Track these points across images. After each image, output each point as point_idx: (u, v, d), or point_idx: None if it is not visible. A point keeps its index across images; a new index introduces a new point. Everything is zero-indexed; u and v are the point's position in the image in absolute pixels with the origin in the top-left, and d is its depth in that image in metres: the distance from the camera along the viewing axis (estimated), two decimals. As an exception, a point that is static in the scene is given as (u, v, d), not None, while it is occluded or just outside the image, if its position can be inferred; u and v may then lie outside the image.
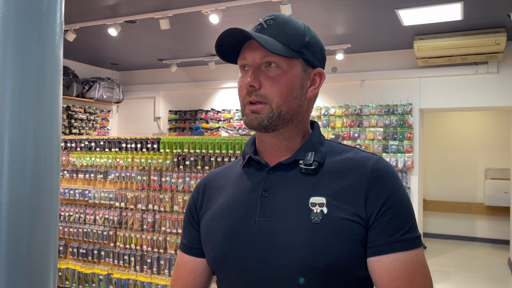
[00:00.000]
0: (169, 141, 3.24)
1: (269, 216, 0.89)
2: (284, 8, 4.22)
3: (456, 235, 7.81)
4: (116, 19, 5.00)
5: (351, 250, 0.84)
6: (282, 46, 0.89)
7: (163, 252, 3.24)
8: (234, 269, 0.91)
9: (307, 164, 0.91)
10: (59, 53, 1.24)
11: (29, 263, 1.16)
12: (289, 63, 0.91)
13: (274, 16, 0.93)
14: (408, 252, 0.84)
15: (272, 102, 0.90)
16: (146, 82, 8.29)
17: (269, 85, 0.90)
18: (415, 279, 0.83)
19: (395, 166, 6.14)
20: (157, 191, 3.28)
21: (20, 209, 1.13)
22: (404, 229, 0.85)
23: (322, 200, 0.87)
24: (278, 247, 0.86)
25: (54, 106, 1.22)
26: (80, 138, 3.68)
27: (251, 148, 1.01)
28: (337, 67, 6.69)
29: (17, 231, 1.13)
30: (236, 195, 0.97)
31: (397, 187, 0.89)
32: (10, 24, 1.11)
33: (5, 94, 1.12)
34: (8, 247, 1.11)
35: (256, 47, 0.90)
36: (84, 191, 3.58)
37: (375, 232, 0.85)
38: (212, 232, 0.97)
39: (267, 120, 0.90)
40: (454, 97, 6.00)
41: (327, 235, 0.84)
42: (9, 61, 1.12)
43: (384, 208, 0.85)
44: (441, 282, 5.39)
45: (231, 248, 0.91)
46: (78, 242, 3.62)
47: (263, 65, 0.91)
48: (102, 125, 7.80)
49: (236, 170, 1.03)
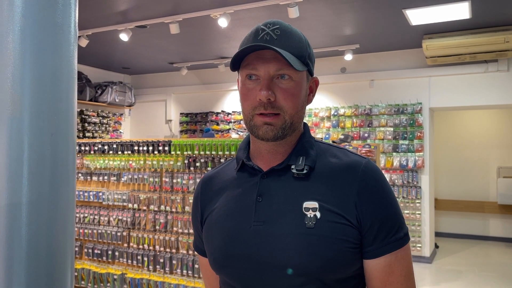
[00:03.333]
0: (180, 143, 3.31)
1: (264, 221, 0.93)
2: (291, 10, 4.26)
3: (469, 234, 7.75)
4: (127, 24, 5.10)
5: (344, 252, 0.89)
6: (297, 61, 0.92)
7: (175, 252, 3.31)
8: (233, 271, 0.95)
9: (298, 169, 0.94)
10: (74, 62, 1.32)
11: (48, 260, 1.23)
12: (299, 75, 0.94)
13: (278, 25, 0.94)
14: (398, 251, 0.92)
15: (286, 114, 0.92)
16: (157, 86, 8.40)
17: (283, 97, 0.92)
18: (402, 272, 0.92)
19: (405, 166, 6.15)
20: (169, 192, 3.35)
21: (39, 208, 1.21)
22: (393, 230, 0.92)
23: (315, 204, 0.91)
24: (273, 250, 0.90)
25: (70, 112, 1.30)
26: (93, 142, 3.77)
27: (244, 152, 1.03)
28: (346, 68, 6.71)
29: (36, 229, 1.20)
30: (232, 200, 1.00)
31: (386, 192, 0.94)
32: (28, 36, 1.19)
33: (24, 102, 1.19)
34: (28, 245, 1.19)
35: (270, 59, 0.91)
36: (98, 193, 3.67)
37: (369, 239, 0.91)
38: (212, 236, 1.01)
39: (281, 131, 0.93)
40: (464, 95, 5.99)
41: (321, 239, 0.88)
42: (27, 70, 1.20)
43: (375, 216, 0.91)
44: (453, 281, 5.38)
45: (229, 251, 0.95)
46: (93, 243, 3.71)
47: (275, 76, 0.92)
48: (114, 128, 7.92)
49: (230, 173, 1.05)
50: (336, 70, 6.76)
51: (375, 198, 0.92)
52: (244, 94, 0.96)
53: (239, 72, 0.98)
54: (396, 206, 0.95)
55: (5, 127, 1.17)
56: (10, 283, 1.19)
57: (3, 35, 1.19)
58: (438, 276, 5.68)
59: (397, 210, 0.94)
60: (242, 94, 0.97)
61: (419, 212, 6.13)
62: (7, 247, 1.18)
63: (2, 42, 1.18)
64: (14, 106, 1.18)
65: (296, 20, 4.52)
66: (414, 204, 6.15)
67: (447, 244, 7.27)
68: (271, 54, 0.91)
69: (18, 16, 1.19)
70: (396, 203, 0.95)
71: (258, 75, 0.93)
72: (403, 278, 0.92)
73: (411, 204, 6.16)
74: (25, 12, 1.19)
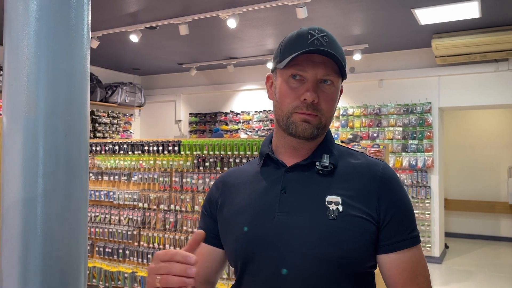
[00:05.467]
0: (189, 143, 3.35)
1: (288, 212, 0.98)
2: (300, 11, 4.28)
3: (480, 235, 7.70)
4: (137, 25, 5.16)
5: (362, 245, 0.94)
6: (343, 69, 0.99)
7: (185, 250, 3.35)
8: (255, 260, 0.99)
9: (323, 165, 1.00)
10: (86, 64, 1.36)
11: (62, 252, 1.27)
12: (339, 81, 1.02)
13: (326, 33, 0.99)
14: (411, 248, 0.97)
15: (323, 116, 0.99)
16: (167, 86, 8.47)
17: (325, 101, 0.98)
18: (417, 271, 0.97)
19: (415, 165, 6.13)
20: (179, 192, 3.39)
21: (53, 203, 1.25)
22: (408, 229, 0.98)
23: (338, 199, 0.96)
24: (296, 240, 0.95)
25: (82, 113, 1.34)
26: (104, 142, 3.83)
27: (268, 147, 1.09)
28: (355, 67, 6.71)
29: (51, 222, 1.25)
30: (254, 192, 1.05)
31: (403, 193, 1.01)
32: (43, 40, 1.23)
33: (39, 103, 1.24)
34: (44, 237, 1.23)
35: (319, 64, 0.97)
36: (109, 192, 3.73)
37: (386, 234, 0.96)
38: (232, 227, 1.04)
39: (317, 131, 0.99)
40: (475, 95, 5.95)
41: (342, 231, 0.93)
42: (42, 73, 1.24)
43: (393, 212, 0.97)
44: (463, 281, 5.35)
45: (253, 240, 0.99)
46: (104, 242, 3.76)
47: (320, 80, 0.98)
48: (125, 128, 8.00)
49: (253, 169, 1.11)
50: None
51: (394, 196, 0.98)
52: (286, 91, 0.99)
53: (281, 70, 1.01)
54: (411, 208, 1.02)
55: (21, 127, 1.22)
56: (26, 274, 1.23)
57: (18, 38, 1.23)
58: (448, 276, 5.65)
59: (412, 211, 1.01)
60: (283, 91, 1.00)
61: (429, 212, 6.11)
62: (23, 239, 1.23)
63: (18, 46, 1.22)
64: (29, 107, 1.22)
65: (304, 20, 4.54)
66: (423, 204, 6.13)
67: (457, 245, 7.23)
68: (320, 59, 0.96)
69: (33, 20, 1.23)
70: (411, 204, 1.02)
71: (305, 77, 0.98)
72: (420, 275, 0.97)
73: (420, 204, 6.14)
74: (39, 16, 1.23)
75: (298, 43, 0.98)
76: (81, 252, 1.36)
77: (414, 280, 0.96)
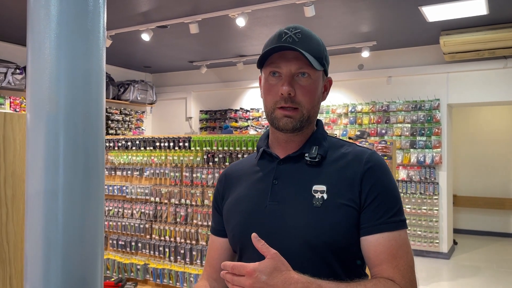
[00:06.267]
0: (199, 140, 3.44)
1: (278, 201, 1.06)
2: (307, 9, 4.35)
3: (489, 231, 7.69)
4: (148, 24, 5.27)
5: (346, 230, 1.00)
6: (316, 61, 1.04)
7: (195, 243, 3.45)
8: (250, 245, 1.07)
9: (311, 157, 1.07)
10: (102, 64, 1.46)
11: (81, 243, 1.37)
12: (316, 73, 1.07)
13: (300, 30, 1.06)
14: (392, 233, 0.99)
15: (304, 108, 1.05)
16: (177, 84, 8.58)
17: (302, 93, 1.05)
18: (397, 254, 0.98)
19: (423, 162, 6.16)
20: (189, 187, 3.49)
21: (73, 196, 1.35)
22: (390, 213, 1.00)
23: (323, 188, 1.03)
24: (285, 227, 1.03)
25: (99, 110, 1.44)
26: (117, 138, 3.95)
27: (264, 142, 1.17)
28: (363, 64, 6.75)
29: (71, 214, 1.35)
30: (251, 184, 1.14)
31: (386, 178, 1.04)
32: (63, 42, 1.33)
33: (59, 101, 1.34)
34: (64, 225, 1.33)
35: (292, 59, 1.04)
36: (122, 187, 3.84)
37: (366, 216, 1.00)
38: (232, 215, 1.14)
39: (299, 124, 1.06)
40: (483, 91, 5.96)
41: (326, 217, 1.00)
42: (62, 73, 1.34)
43: (373, 196, 1.01)
44: (470, 277, 5.39)
45: (247, 227, 1.08)
46: (117, 235, 3.88)
47: (296, 74, 1.05)
48: (137, 125, 8.14)
49: (251, 162, 1.20)
50: (353, 67, 6.80)
51: (376, 181, 1.02)
52: (267, 89, 1.08)
53: (263, 70, 1.10)
54: (396, 192, 1.04)
55: (44, 124, 1.32)
56: (49, 263, 1.33)
57: (40, 41, 1.33)
58: (455, 272, 5.69)
59: (396, 197, 1.03)
60: (265, 89, 1.09)
61: (437, 208, 6.14)
62: (46, 226, 1.33)
63: (40, 48, 1.32)
64: (51, 105, 1.32)
65: (312, 18, 4.61)
66: (431, 200, 6.16)
67: (466, 241, 7.24)
68: (293, 55, 1.04)
69: (54, 24, 1.33)
70: (396, 190, 1.04)
71: (281, 73, 1.05)
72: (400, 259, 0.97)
73: (428, 200, 6.18)
74: (59, 21, 1.33)
75: (272, 43, 1.06)
76: (98, 242, 1.45)
77: (392, 261, 0.96)
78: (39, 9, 1.34)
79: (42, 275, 1.33)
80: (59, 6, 1.33)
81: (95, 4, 1.40)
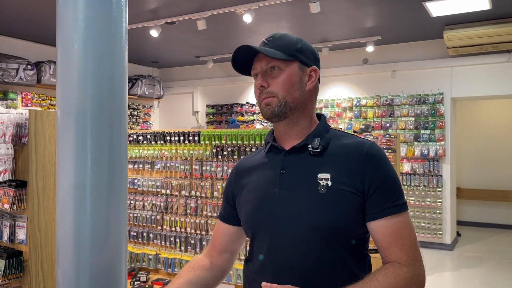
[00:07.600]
0: (208, 134, 3.56)
1: (286, 188, 1.17)
2: (313, 5, 4.43)
3: (493, 223, 7.78)
4: (157, 21, 5.38)
5: (348, 214, 1.11)
6: (278, 53, 1.18)
7: (205, 234, 3.58)
8: (261, 230, 1.20)
9: (314, 147, 1.18)
10: (125, 64, 1.58)
11: (108, 231, 1.50)
12: (287, 65, 1.20)
13: (273, 35, 1.23)
14: (396, 215, 1.11)
15: (278, 95, 1.18)
16: (184, 78, 8.69)
17: (274, 83, 1.19)
18: (402, 234, 1.10)
19: (426, 155, 6.25)
20: (199, 179, 3.61)
21: (100, 188, 1.47)
22: (393, 198, 1.12)
23: (327, 175, 1.14)
24: (293, 212, 1.14)
25: (122, 107, 1.56)
26: (129, 132, 4.07)
27: (271, 137, 1.29)
28: (368, 59, 6.82)
29: (98, 205, 1.47)
30: (261, 174, 1.26)
31: (387, 167, 1.15)
32: (90, 46, 1.45)
33: (87, 99, 1.46)
34: (92, 216, 1.46)
35: (261, 58, 1.20)
36: (134, 180, 3.97)
37: (371, 203, 1.12)
38: (245, 203, 1.27)
39: (277, 109, 1.18)
40: (487, 85, 6.03)
41: (330, 203, 1.11)
42: (89, 74, 1.46)
43: (376, 184, 1.12)
44: (473, 267, 5.49)
45: (258, 213, 1.20)
46: (130, 226, 4.02)
47: (269, 70, 1.20)
48: (144, 120, 8.26)
49: (260, 155, 1.32)
50: (358, 61, 6.88)
51: (377, 170, 1.13)
52: (254, 88, 1.25)
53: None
54: (396, 178, 1.15)
55: (73, 120, 1.44)
56: (78, 250, 1.46)
57: (69, 45, 1.45)
58: (458, 262, 5.80)
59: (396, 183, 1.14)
60: (254, 89, 1.26)
61: (440, 200, 6.24)
62: (75, 220, 1.45)
63: (69, 51, 1.45)
64: (79, 103, 1.44)
65: (317, 14, 4.69)
66: (435, 193, 6.26)
67: (470, 233, 7.33)
68: (262, 56, 1.19)
69: (81, 29, 1.45)
70: (396, 176, 1.16)
71: (258, 72, 1.22)
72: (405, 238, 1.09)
73: (432, 193, 6.27)
74: (86, 25, 1.45)
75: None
76: (122, 231, 1.58)
77: (399, 241, 1.08)
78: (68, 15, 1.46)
79: (72, 261, 1.46)
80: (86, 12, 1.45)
81: (118, 9, 1.52)
